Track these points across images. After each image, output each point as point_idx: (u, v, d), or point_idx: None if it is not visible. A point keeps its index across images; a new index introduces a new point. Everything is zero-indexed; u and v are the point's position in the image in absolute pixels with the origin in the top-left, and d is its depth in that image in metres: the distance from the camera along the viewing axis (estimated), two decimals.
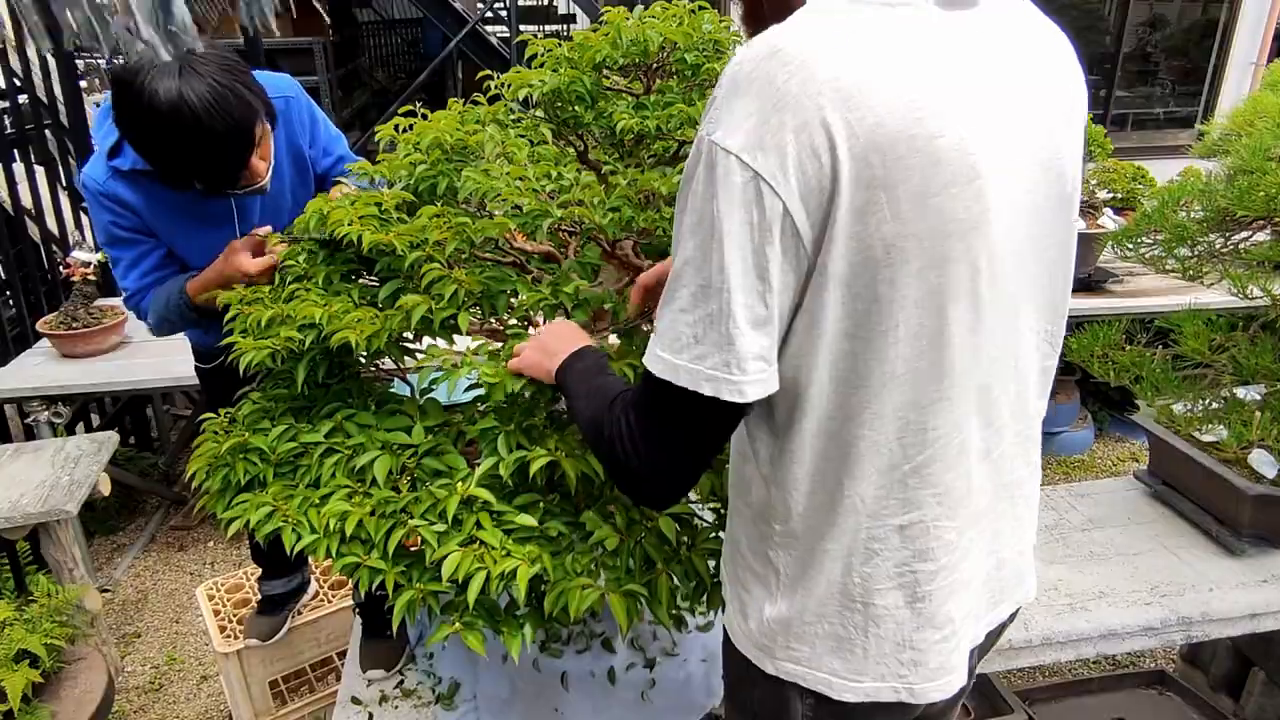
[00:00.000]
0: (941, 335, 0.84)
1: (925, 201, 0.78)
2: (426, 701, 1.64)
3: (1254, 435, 1.99)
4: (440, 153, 1.50)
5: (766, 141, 0.75)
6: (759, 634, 0.99)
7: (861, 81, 0.75)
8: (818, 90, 0.75)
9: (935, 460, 0.89)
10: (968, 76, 0.81)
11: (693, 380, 0.81)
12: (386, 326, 1.26)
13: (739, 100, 0.77)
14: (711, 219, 0.78)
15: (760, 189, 0.76)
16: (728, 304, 0.78)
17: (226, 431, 1.37)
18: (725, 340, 0.79)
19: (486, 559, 1.12)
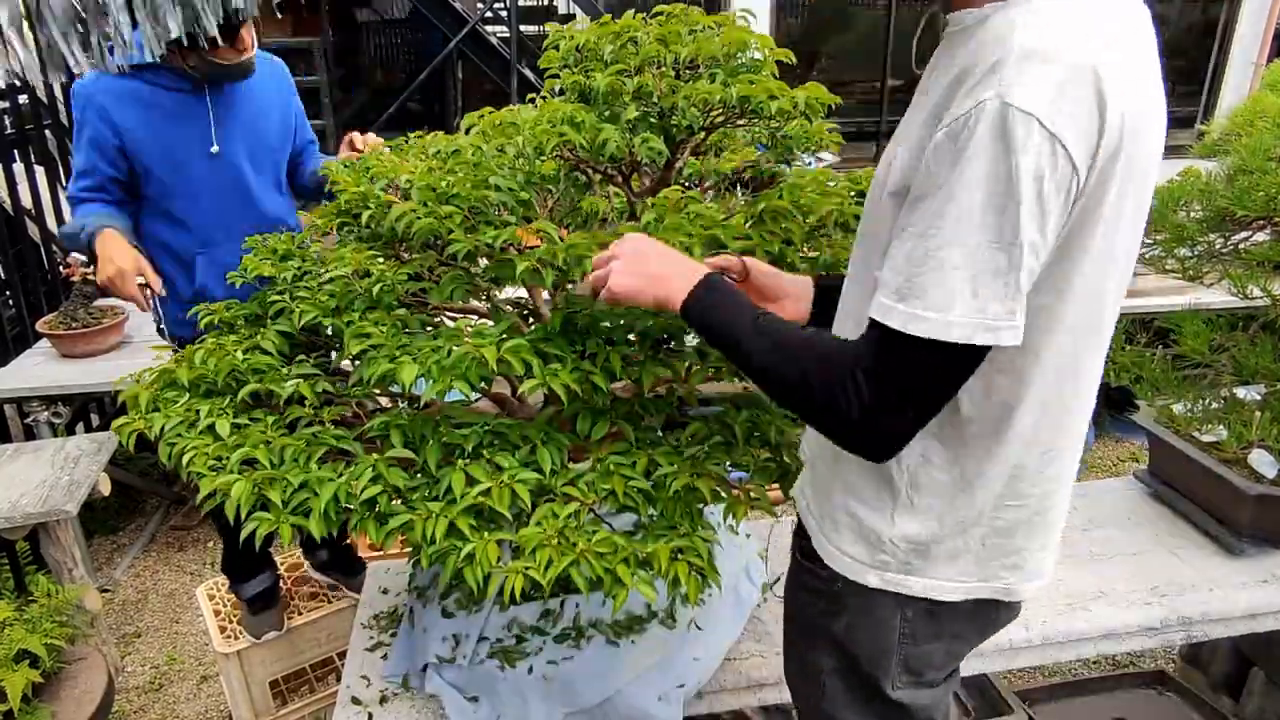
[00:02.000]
0: (1102, 292, 0.96)
1: (1139, 179, 0.90)
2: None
3: (1254, 435, 1.99)
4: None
5: (1064, 108, 0.82)
6: (871, 555, 1.08)
7: (1125, 71, 0.86)
8: (1100, 70, 0.83)
9: (1077, 397, 1.02)
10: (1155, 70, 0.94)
11: (968, 334, 0.86)
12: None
13: (1035, 67, 0.83)
14: (1007, 176, 0.83)
15: (1056, 151, 0.83)
16: (1019, 257, 0.84)
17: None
18: (1014, 290, 0.86)
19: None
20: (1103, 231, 0.91)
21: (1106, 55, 0.85)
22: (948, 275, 0.86)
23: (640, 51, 1.46)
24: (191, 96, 2.08)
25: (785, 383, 1.00)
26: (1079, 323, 0.96)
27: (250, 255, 1.66)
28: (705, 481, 1.29)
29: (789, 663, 1.31)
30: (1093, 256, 0.92)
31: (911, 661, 1.13)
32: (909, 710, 1.16)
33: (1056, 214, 0.85)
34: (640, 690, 1.58)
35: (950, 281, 0.86)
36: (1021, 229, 0.84)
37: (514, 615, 1.65)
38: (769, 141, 1.60)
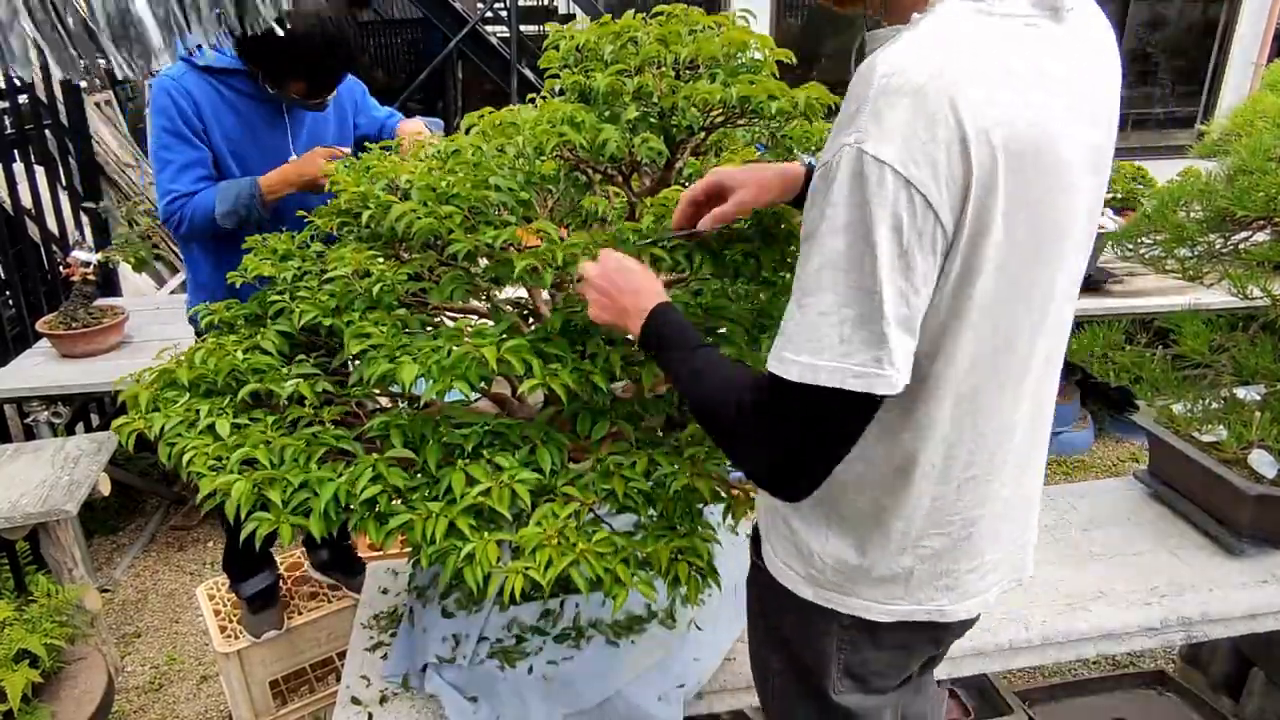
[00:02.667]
0: (1010, 326, 0.94)
1: (1032, 207, 0.87)
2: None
3: (1254, 435, 1.99)
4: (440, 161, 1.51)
5: (917, 153, 0.81)
6: (804, 569, 1.10)
7: (994, 96, 0.83)
8: (960, 104, 0.81)
9: (993, 432, 1.01)
10: (1069, 87, 0.90)
11: (838, 379, 0.85)
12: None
13: (890, 111, 0.81)
14: (863, 225, 0.82)
15: (913, 196, 0.81)
16: (881, 306, 0.83)
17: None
18: (879, 338, 0.84)
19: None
20: (996, 271, 0.88)
21: (976, 93, 0.81)
22: (816, 319, 0.86)
23: (640, 51, 1.46)
24: (269, 106, 2.14)
25: (698, 414, 1.06)
26: (980, 362, 0.95)
27: (250, 255, 1.66)
28: (705, 481, 1.29)
29: (751, 656, 1.33)
30: (988, 299, 0.90)
31: (853, 668, 1.14)
32: (854, 714, 1.16)
33: (923, 260, 0.84)
34: (640, 690, 1.58)
35: (820, 326, 0.86)
36: (881, 278, 0.83)
37: (514, 615, 1.65)
38: (769, 142, 1.60)
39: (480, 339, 1.27)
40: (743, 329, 1.38)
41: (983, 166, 0.82)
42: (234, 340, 1.51)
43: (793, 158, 1.62)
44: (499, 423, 1.35)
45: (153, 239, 3.53)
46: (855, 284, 0.84)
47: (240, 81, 2.09)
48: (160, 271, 4.78)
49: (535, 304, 1.63)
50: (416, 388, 1.29)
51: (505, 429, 1.34)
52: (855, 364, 0.85)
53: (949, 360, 0.93)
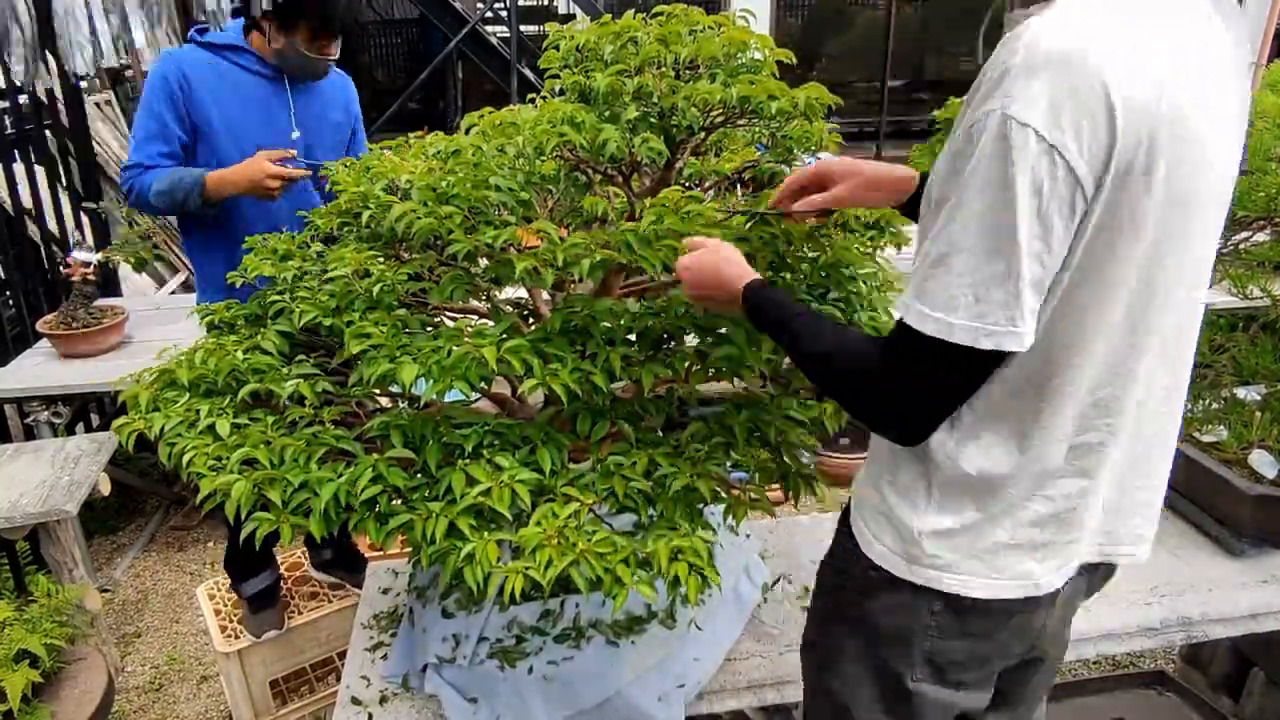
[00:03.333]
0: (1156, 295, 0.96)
1: (1169, 182, 0.88)
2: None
3: (1254, 435, 2.00)
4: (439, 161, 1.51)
5: (1063, 119, 0.83)
6: (903, 545, 1.09)
7: (1142, 67, 0.85)
8: (1107, 73, 0.83)
9: (1118, 398, 1.01)
10: (1214, 73, 0.92)
11: (971, 336, 0.90)
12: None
13: (1035, 78, 0.84)
14: (1005, 187, 0.85)
15: (1055, 160, 0.84)
16: (1018, 266, 0.87)
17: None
18: (1014, 298, 0.88)
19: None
20: (1132, 240, 0.90)
21: (1122, 61, 0.84)
22: (952, 280, 0.90)
23: (640, 52, 1.46)
24: (271, 83, 2.18)
25: (825, 375, 1.08)
26: (1111, 329, 0.96)
27: (250, 255, 1.66)
28: (705, 481, 1.29)
29: (809, 636, 1.31)
30: (1121, 266, 0.92)
31: (935, 656, 1.13)
32: (922, 705, 1.15)
33: (1061, 225, 0.87)
34: (640, 690, 1.58)
35: (954, 286, 0.90)
36: (1020, 239, 0.86)
37: (514, 615, 1.65)
38: (769, 142, 1.60)
39: (480, 339, 1.27)
40: (742, 329, 1.38)
41: (1128, 136, 0.84)
42: (234, 340, 1.51)
43: (793, 158, 1.62)
44: (499, 423, 1.35)
45: (153, 239, 3.53)
46: (993, 245, 0.88)
47: (244, 58, 2.13)
48: (160, 271, 4.78)
49: (535, 304, 1.63)
50: (416, 388, 1.29)
51: (505, 429, 1.34)
52: (989, 323, 0.89)
53: (1076, 326, 0.95)
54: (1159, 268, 0.95)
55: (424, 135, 1.74)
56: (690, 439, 1.37)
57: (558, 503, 1.24)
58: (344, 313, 1.42)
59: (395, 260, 1.53)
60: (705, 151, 1.64)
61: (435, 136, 1.71)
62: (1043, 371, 0.98)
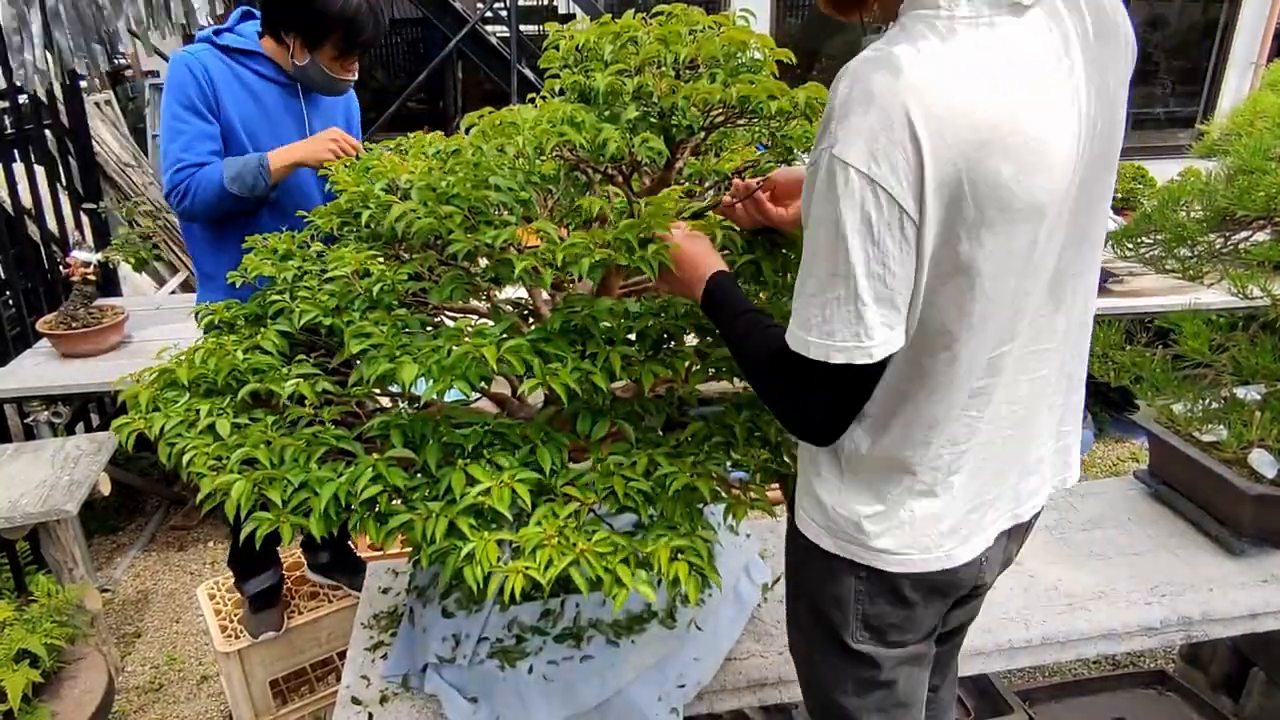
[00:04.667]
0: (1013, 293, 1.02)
1: (1002, 187, 0.93)
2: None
3: (1254, 435, 1.99)
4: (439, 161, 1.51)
5: (878, 152, 0.91)
6: (824, 520, 1.18)
7: (948, 94, 0.91)
8: (911, 105, 0.90)
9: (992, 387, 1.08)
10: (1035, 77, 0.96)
11: (824, 353, 0.99)
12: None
13: (853, 117, 0.92)
14: (835, 219, 0.94)
15: (877, 192, 0.92)
16: (855, 288, 0.96)
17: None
18: (855, 317, 0.97)
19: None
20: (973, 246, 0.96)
21: (927, 91, 0.90)
22: (806, 301, 1.00)
23: (640, 51, 1.46)
24: (286, 91, 2.17)
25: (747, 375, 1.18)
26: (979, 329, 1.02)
27: (250, 255, 1.66)
28: (705, 481, 1.29)
29: (787, 615, 1.39)
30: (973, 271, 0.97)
31: (870, 620, 1.20)
32: (875, 663, 1.22)
33: (895, 246, 0.94)
34: (640, 690, 1.58)
35: (808, 307, 1.00)
36: (854, 264, 0.94)
37: (514, 615, 1.65)
38: (769, 141, 1.60)
39: (480, 339, 1.27)
40: None
41: (939, 158, 0.91)
42: (234, 340, 1.51)
43: (792, 158, 1.62)
44: (499, 423, 1.35)
45: (153, 239, 3.53)
46: (832, 270, 0.96)
47: (259, 64, 2.11)
48: (160, 271, 4.78)
49: (535, 304, 1.63)
50: (416, 388, 1.29)
51: (505, 429, 1.34)
52: (838, 340, 0.98)
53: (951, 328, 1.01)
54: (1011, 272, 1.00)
55: (425, 134, 1.74)
56: (690, 439, 1.37)
57: (558, 502, 1.24)
58: (344, 312, 1.42)
59: (395, 260, 1.53)
60: (705, 151, 1.64)
61: (435, 136, 1.70)
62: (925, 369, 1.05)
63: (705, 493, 1.29)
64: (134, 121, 5.63)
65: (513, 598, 1.14)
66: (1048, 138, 0.96)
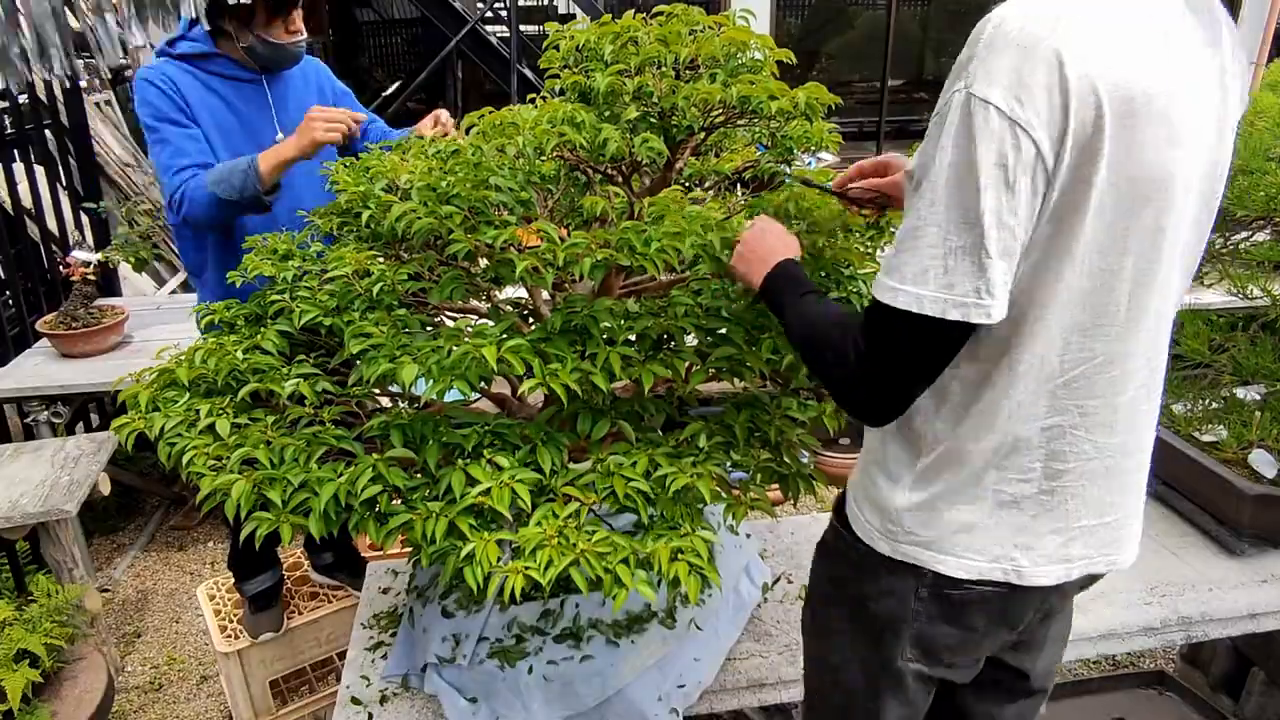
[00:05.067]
0: (1109, 274, 0.96)
1: (1136, 155, 0.90)
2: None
3: (1254, 435, 2.00)
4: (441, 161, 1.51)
5: (1022, 94, 0.86)
6: (884, 522, 1.12)
7: (1101, 47, 0.87)
8: (1064, 52, 0.86)
9: (1088, 378, 1.02)
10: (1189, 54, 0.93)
11: (940, 308, 0.92)
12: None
13: (997, 57, 0.88)
14: (970, 162, 0.89)
15: (1017, 134, 0.87)
16: (983, 238, 0.89)
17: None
18: (979, 270, 0.91)
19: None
20: (1095, 211, 0.92)
21: (1079, 42, 0.86)
22: (923, 253, 0.92)
23: (640, 51, 1.46)
24: (249, 85, 2.13)
25: (808, 348, 1.10)
26: (1075, 304, 0.98)
27: (250, 255, 1.66)
28: (705, 482, 1.29)
29: (807, 615, 1.35)
30: (1086, 239, 0.93)
31: (924, 639, 1.15)
32: (910, 680, 1.18)
33: (1026, 195, 0.89)
34: (640, 690, 1.58)
35: (924, 259, 0.92)
36: (985, 210, 0.89)
37: (514, 615, 1.65)
38: (769, 141, 1.60)
39: (480, 339, 1.27)
40: (743, 329, 1.38)
41: (1084, 110, 0.87)
42: (234, 340, 1.51)
43: (793, 158, 1.62)
44: (499, 423, 1.35)
45: (153, 239, 3.53)
46: (961, 218, 0.90)
47: (218, 64, 2.09)
48: (160, 271, 4.78)
49: (535, 304, 1.63)
50: (416, 388, 1.29)
51: (505, 429, 1.34)
52: (958, 294, 0.91)
53: (1044, 299, 0.97)
54: (1123, 250, 0.96)
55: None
56: (690, 439, 1.37)
57: (558, 503, 1.24)
58: (344, 312, 1.42)
59: (395, 260, 1.53)
60: (705, 151, 1.64)
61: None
62: (1011, 345, 1.00)
63: (705, 493, 1.29)
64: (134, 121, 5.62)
65: (513, 598, 1.14)
66: (1190, 119, 0.93)
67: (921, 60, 8.45)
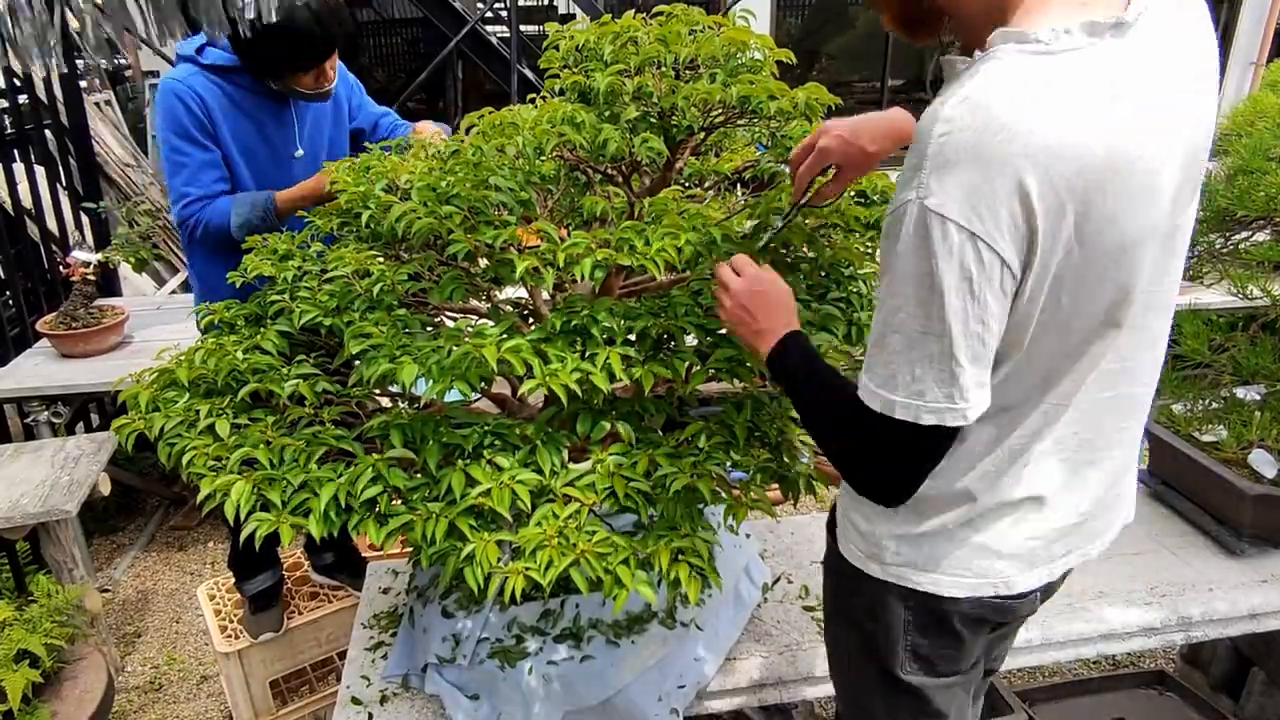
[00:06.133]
0: (1082, 317, 0.95)
1: (1108, 224, 0.87)
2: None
3: (1254, 435, 2.00)
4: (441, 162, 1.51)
5: (981, 206, 0.83)
6: (867, 547, 1.13)
7: (1059, 137, 0.83)
8: (1019, 155, 0.82)
9: (1097, 418, 1.04)
10: (1147, 94, 0.88)
11: (913, 414, 0.91)
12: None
13: (950, 172, 0.83)
14: (929, 274, 0.86)
15: (978, 246, 0.84)
16: (951, 346, 0.88)
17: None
18: (949, 377, 0.90)
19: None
20: (1078, 286, 0.91)
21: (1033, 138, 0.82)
22: (890, 357, 0.92)
23: (640, 51, 1.46)
24: (274, 101, 2.11)
25: (819, 434, 1.10)
26: (1088, 374, 1.00)
27: (250, 255, 1.66)
28: (705, 482, 1.29)
29: (826, 638, 1.36)
30: (1077, 313, 0.94)
31: (920, 650, 1.16)
32: (927, 694, 1.18)
33: (995, 302, 0.87)
34: (640, 690, 1.58)
35: (892, 364, 0.92)
36: (950, 324, 0.87)
37: (514, 615, 1.65)
38: (769, 141, 1.60)
39: (480, 339, 1.27)
40: None
41: (1047, 209, 0.84)
42: (234, 340, 1.51)
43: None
44: (499, 423, 1.35)
45: (153, 239, 3.53)
46: (924, 329, 0.89)
47: (245, 79, 2.07)
48: (160, 271, 4.78)
49: (535, 304, 1.63)
50: (416, 388, 1.29)
51: (505, 429, 1.34)
52: (928, 401, 0.90)
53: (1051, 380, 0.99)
54: (1124, 301, 0.95)
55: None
56: (690, 439, 1.37)
57: (558, 503, 1.24)
58: (344, 313, 1.42)
59: (395, 260, 1.53)
60: (705, 151, 1.64)
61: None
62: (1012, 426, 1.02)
63: (705, 493, 1.29)
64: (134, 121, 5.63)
65: (513, 598, 1.14)
66: (1159, 166, 0.89)
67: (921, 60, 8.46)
